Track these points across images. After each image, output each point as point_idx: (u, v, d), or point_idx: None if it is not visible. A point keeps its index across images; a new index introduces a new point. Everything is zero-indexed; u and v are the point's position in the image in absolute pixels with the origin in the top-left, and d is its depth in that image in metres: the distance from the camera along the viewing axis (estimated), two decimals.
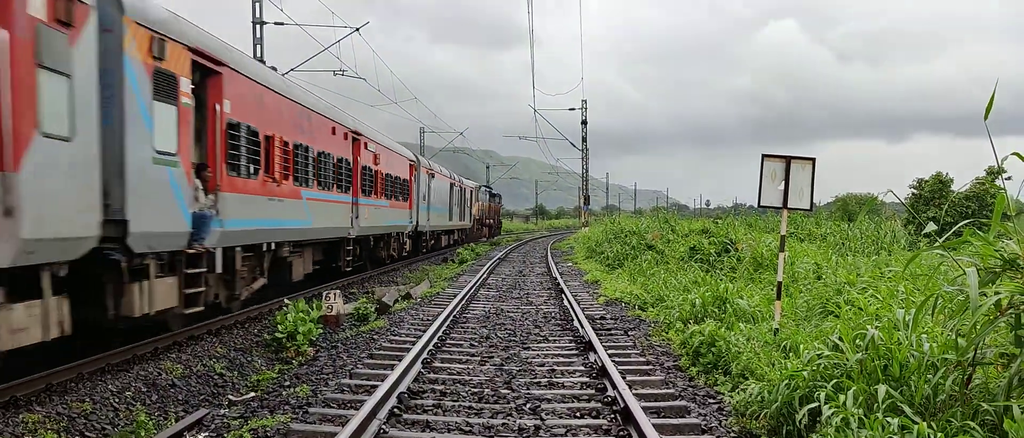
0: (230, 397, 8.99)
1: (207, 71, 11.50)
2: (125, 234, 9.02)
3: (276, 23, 27.80)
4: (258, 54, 27.15)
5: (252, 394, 9.12)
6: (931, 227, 6.10)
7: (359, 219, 21.19)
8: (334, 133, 18.72)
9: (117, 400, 8.25)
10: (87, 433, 7.40)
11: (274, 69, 17.40)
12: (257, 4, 27.27)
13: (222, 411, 8.27)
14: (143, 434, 7.31)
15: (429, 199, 33.17)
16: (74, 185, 8.02)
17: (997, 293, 5.03)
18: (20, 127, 7.06)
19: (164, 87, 9.92)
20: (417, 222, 30.67)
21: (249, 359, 11.04)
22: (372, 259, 24.79)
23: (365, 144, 21.81)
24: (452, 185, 39.64)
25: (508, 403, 8.02)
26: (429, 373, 9.46)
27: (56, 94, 7.61)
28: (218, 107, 11.84)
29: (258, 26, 27.30)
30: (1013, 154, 5.20)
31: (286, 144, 15.04)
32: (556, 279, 21.61)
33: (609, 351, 10.44)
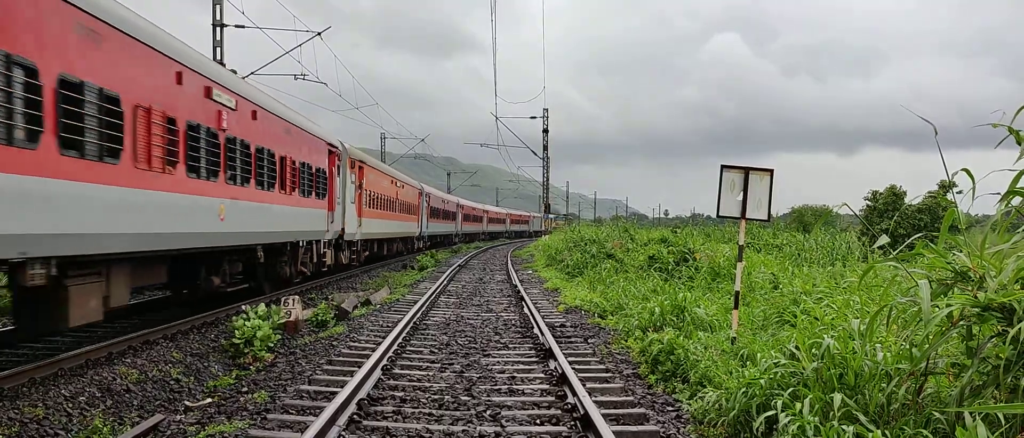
0: (186, 403, 8.85)
1: (360, 166, 26.78)
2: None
3: (236, 26, 27.50)
4: (218, 57, 26.83)
5: (209, 400, 8.99)
6: (883, 240, 6.20)
7: (508, 225, 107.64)
8: (452, 206, 50.25)
9: (71, 405, 8.10)
10: None
11: (234, 72, 17.31)
12: (217, 6, 26.97)
13: (178, 417, 8.15)
14: None
15: (537, 223, 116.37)
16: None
17: (949, 305, 5.15)
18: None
19: (353, 176, 25.75)
20: (533, 227, 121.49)
21: (206, 365, 10.90)
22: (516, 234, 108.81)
23: (518, 216, 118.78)
24: (536, 218, 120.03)
25: (468, 410, 8.03)
26: (389, 380, 9.43)
27: (340, 184, 23.60)
28: (363, 182, 27.41)
29: (218, 29, 27.00)
30: (962, 170, 5.35)
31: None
32: (516, 287, 21.65)
33: (569, 358, 10.48)
